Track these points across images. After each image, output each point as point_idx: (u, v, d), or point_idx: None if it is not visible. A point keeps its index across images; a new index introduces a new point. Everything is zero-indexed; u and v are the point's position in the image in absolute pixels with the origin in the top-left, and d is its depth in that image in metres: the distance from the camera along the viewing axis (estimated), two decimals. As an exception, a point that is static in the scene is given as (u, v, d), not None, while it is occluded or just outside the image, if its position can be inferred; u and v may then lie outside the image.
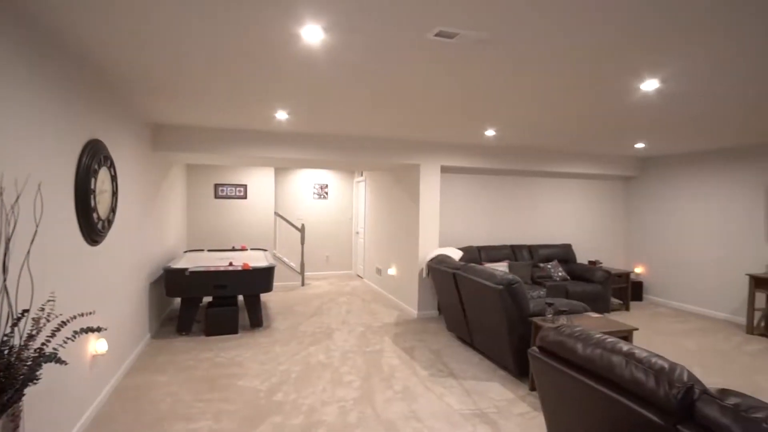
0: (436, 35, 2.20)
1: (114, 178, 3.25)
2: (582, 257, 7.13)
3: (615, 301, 6.35)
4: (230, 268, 4.74)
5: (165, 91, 3.31)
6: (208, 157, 5.29)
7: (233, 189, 7.44)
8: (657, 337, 5.02)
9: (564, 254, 6.55)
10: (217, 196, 7.35)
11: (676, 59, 2.47)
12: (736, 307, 5.74)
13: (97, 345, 2.96)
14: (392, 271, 6.61)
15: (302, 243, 7.71)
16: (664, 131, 4.65)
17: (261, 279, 4.82)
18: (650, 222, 7.02)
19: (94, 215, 2.83)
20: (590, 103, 3.46)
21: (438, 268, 4.65)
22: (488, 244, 6.50)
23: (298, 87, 3.17)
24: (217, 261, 5.39)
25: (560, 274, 6.06)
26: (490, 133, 4.85)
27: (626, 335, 3.39)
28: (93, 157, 2.78)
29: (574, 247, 7.07)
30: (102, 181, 2.99)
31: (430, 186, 5.68)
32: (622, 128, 4.50)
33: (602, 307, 5.79)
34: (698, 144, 5.52)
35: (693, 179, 6.34)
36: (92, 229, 2.80)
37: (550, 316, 3.46)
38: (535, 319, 3.49)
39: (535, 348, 2.11)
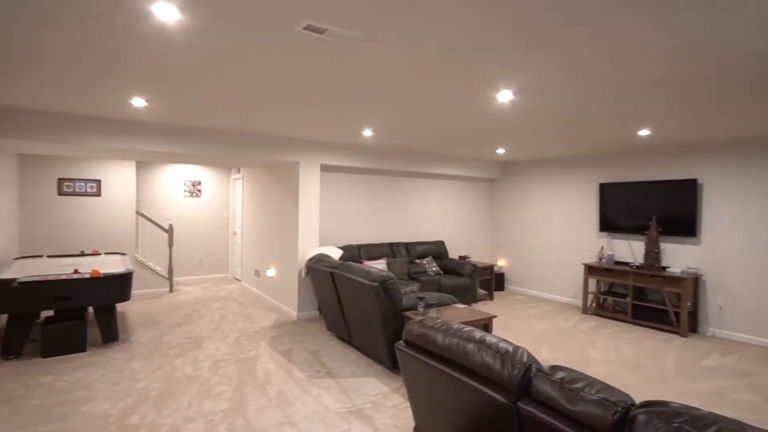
0: (305, 29, 2.14)
1: None
2: (453, 253, 7.69)
3: (481, 291, 6.97)
4: (75, 276, 4.10)
5: (-24, 63, 2.72)
6: (47, 147, 4.51)
7: (83, 185, 6.46)
8: (514, 322, 5.63)
9: (438, 250, 6.99)
10: (61, 193, 6.31)
11: (524, 73, 2.76)
12: (575, 291, 6.72)
13: None
14: (271, 272, 6.37)
15: (170, 245, 7.02)
16: (518, 139, 5.22)
17: (115, 287, 4.25)
18: (510, 219, 7.86)
19: None
20: (455, 109, 3.72)
21: (316, 267, 4.60)
22: (368, 242, 6.63)
23: (156, 72, 2.85)
24: (60, 268, 4.63)
25: (434, 269, 6.45)
26: (367, 133, 4.94)
27: (487, 322, 3.72)
28: None
29: (446, 244, 7.59)
30: None
31: (310, 184, 5.60)
32: (485, 134, 4.94)
33: (470, 297, 6.30)
34: (546, 151, 6.33)
35: (544, 182, 7.26)
36: None
37: (421, 309, 3.64)
38: (408, 313, 3.65)
39: (401, 342, 2.19)
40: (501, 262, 7.99)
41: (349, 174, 6.50)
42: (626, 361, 4.26)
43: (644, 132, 4.62)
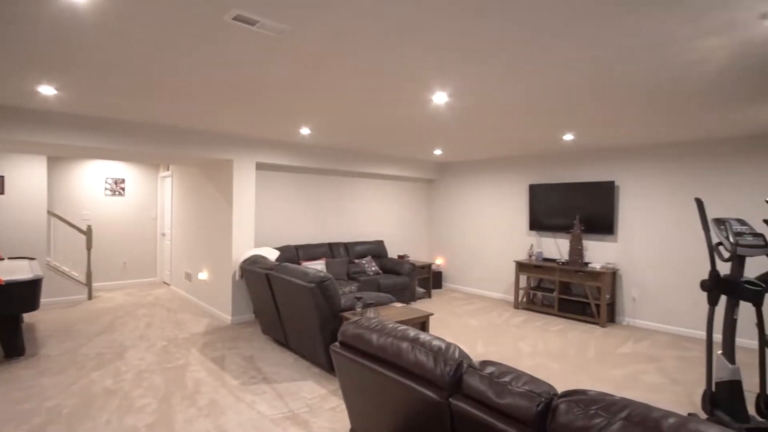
0: (235, 19, 2.05)
1: None
2: (393, 252, 7.76)
3: (420, 290, 7.09)
4: (-30, 285, 3.64)
5: None
6: (-67, 138, 3.96)
7: (-17, 182, 5.77)
8: (450, 319, 5.78)
9: (377, 250, 7.02)
10: (-45, 191, 5.59)
11: (457, 75, 2.83)
12: (507, 287, 7.03)
13: None
14: (203, 275, 6.06)
15: (89, 248, 6.45)
16: (453, 140, 5.36)
17: (20, 295, 3.83)
18: (447, 219, 8.07)
19: None
20: (392, 110, 3.74)
21: (251, 269, 4.43)
22: (307, 242, 6.51)
23: (66, 57, 2.59)
24: (-49, 276, 4.08)
25: (374, 268, 6.47)
26: (305, 131, 4.84)
27: (424, 320, 3.77)
28: None
29: (386, 243, 7.64)
30: None
31: (245, 183, 5.39)
32: (422, 135, 5.02)
33: (409, 296, 6.39)
34: (480, 153, 6.57)
35: (478, 183, 7.52)
36: None
37: (359, 309, 3.62)
38: (346, 314, 3.61)
39: (336, 343, 2.15)
40: (439, 261, 8.18)
41: (286, 173, 6.34)
42: (553, 352, 4.52)
43: (568, 136, 4.92)
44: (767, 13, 1.88)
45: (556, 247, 6.46)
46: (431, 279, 7.18)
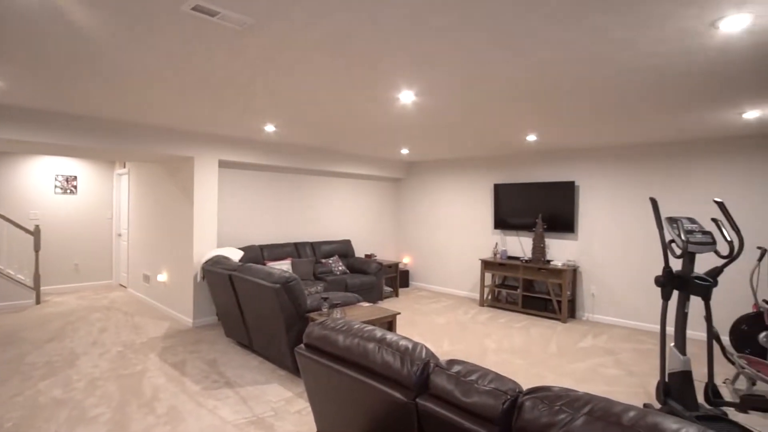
0: (194, 9, 1.96)
1: None
2: (360, 251, 7.72)
3: (387, 289, 7.09)
4: None
5: None
6: None
7: None
8: (417, 317, 5.81)
9: (344, 249, 6.96)
10: None
11: (424, 76, 2.83)
12: (473, 285, 7.14)
13: None
14: (163, 277, 5.82)
15: (36, 250, 6.08)
16: (420, 140, 5.38)
17: (-43, 301, 3.55)
18: (414, 218, 8.11)
19: None
20: (359, 107, 3.70)
21: (213, 270, 4.29)
22: (272, 242, 6.38)
23: (6, 44, 2.41)
24: None
25: (340, 268, 6.41)
26: (270, 128, 4.73)
27: (391, 320, 3.77)
28: None
29: (353, 242, 7.59)
30: None
31: (207, 181, 5.22)
32: (389, 134, 5.01)
33: (376, 295, 6.37)
34: (447, 153, 6.63)
35: (445, 182, 7.60)
36: None
37: (325, 310, 3.57)
38: (312, 315, 3.56)
39: (301, 345, 2.10)
40: (406, 260, 8.21)
41: (251, 171, 6.18)
42: (517, 348, 4.61)
43: (532, 137, 5.04)
44: (715, 21, 1.97)
45: (519, 245, 6.61)
46: (398, 278, 7.19)
